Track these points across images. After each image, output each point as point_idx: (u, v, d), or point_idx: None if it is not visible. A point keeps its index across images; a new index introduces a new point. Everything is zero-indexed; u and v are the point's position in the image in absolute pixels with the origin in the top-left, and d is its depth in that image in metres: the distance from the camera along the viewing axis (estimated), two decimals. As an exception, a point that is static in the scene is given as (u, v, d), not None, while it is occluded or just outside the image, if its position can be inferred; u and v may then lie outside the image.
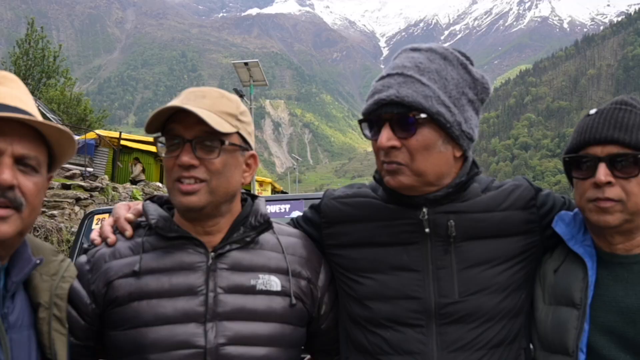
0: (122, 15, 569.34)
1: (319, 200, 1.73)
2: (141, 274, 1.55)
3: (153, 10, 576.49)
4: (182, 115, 1.49)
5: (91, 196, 15.08)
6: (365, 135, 1.58)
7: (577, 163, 1.52)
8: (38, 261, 1.37)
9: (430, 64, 1.53)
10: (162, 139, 1.54)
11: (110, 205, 14.98)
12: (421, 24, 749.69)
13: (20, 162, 1.30)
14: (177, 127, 1.51)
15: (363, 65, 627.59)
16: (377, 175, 1.65)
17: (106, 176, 18.19)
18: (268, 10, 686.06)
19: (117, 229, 1.69)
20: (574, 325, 1.49)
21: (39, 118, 1.31)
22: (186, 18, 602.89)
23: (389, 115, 1.49)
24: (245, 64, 18.14)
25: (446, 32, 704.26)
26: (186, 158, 1.49)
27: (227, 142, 1.53)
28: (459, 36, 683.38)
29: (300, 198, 3.21)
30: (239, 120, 1.57)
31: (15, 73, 24.39)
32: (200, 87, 1.60)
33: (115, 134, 23.71)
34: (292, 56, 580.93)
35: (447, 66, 1.54)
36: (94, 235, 1.69)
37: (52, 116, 25.04)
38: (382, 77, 1.56)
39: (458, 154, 1.57)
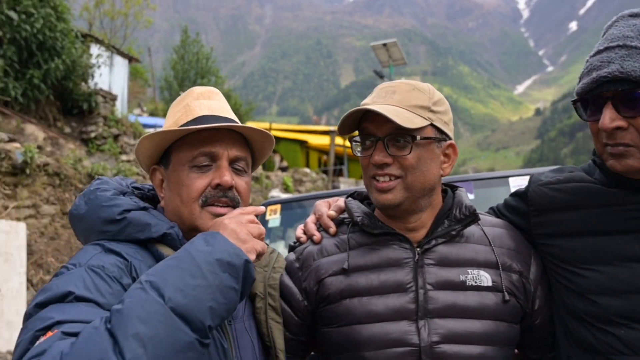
0: (261, 12, 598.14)
1: (483, 180, 1.55)
2: (350, 271, 1.55)
3: (288, 4, 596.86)
4: (373, 114, 1.49)
5: (247, 185, 16.05)
6: (580, 117, 1.43)
7: None
8: None
9: None
10: (357, 138, 1.56)
11: (265, 192, 15.92)
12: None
13: (233, 163, 1.46)
14: (369, 126, 1.52)
15: (501, 31, 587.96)
16: (598, 159, 1.51)
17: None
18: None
19: (320, 227, 1.71)
20: None
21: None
22: (319, 6, 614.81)
23: (611, 93, 1.33)
24: (384, 44, 17.83)
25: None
26: (378, 157, 1.49)
27: (418, 137, 1.49)
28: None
29: (468, 179, 3.08)
30: (432, 111, 1.52)
31: (173, 77, 26.96)
32: (392, 81, 1.59)
33: (264, 124, 25.06)
34: (425, 31, 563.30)
35: None
36: (299, 232, 1.74)
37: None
38: (599, 51, 1.38)
39: None
